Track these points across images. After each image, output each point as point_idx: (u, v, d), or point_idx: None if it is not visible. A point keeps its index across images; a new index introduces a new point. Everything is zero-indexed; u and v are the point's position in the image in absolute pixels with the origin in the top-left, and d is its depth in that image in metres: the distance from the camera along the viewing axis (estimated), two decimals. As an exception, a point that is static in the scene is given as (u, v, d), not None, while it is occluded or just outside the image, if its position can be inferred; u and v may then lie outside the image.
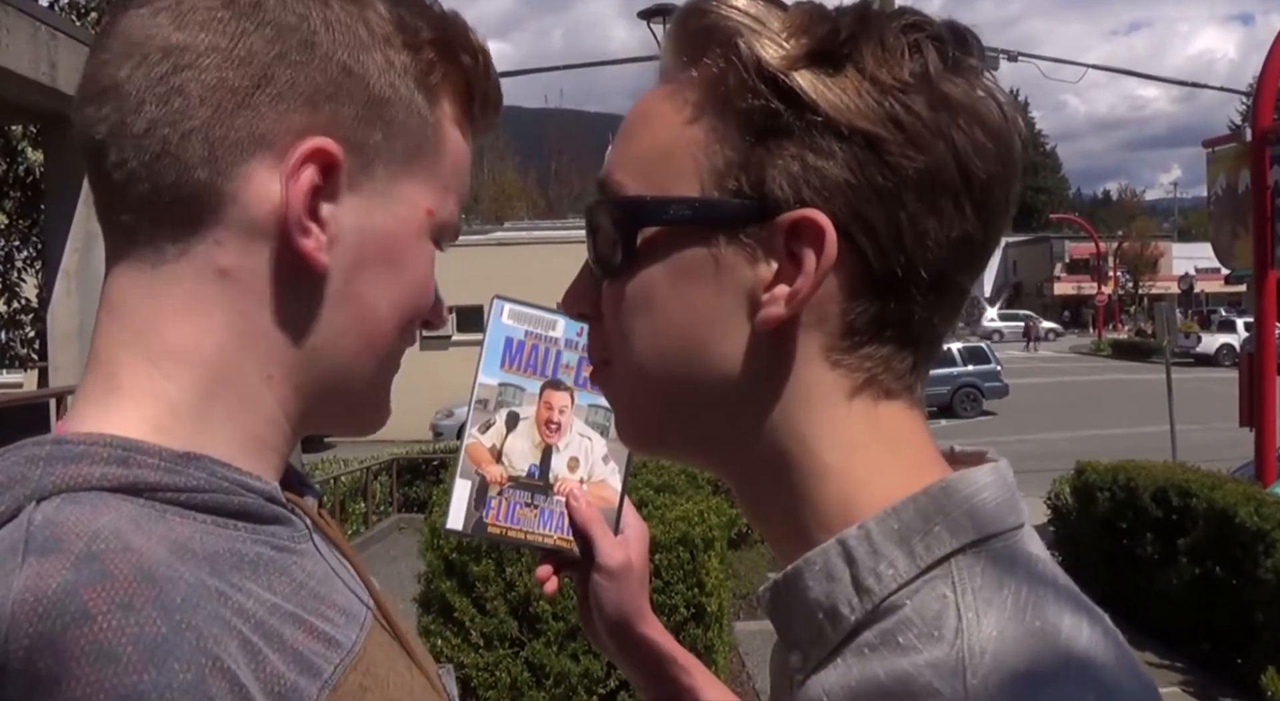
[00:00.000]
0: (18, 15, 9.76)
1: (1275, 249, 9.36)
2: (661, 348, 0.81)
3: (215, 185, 0.82)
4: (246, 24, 0.82)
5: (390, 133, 0.87)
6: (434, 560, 6.11)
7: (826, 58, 0.77)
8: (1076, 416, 28.60)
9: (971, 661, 0.69)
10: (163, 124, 0.81)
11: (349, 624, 0.85)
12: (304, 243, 0.83)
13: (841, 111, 0.75)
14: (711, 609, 6.04)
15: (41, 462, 0.75)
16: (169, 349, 0.83)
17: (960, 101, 0.77)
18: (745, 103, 0.77)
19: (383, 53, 0.86)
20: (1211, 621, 7.81)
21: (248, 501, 0.82)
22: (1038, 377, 41.53)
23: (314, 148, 0.82)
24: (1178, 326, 20.84)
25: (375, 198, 0.87)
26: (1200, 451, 14.17)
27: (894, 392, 0.81)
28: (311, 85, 0.83)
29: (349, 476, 15.56)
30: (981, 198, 0.78)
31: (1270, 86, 9.80)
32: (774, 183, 0.76)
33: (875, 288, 0.77)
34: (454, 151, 0.93)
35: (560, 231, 33.94)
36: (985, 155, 0.77)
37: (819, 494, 0.80)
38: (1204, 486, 8.34)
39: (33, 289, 18.05)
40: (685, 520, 6.10)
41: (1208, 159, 10.68)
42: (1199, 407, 23.90)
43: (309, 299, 0.86)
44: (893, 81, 0.76)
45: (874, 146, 0.75)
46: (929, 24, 0.79)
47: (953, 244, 0.78)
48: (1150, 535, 8.69)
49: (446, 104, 0.92)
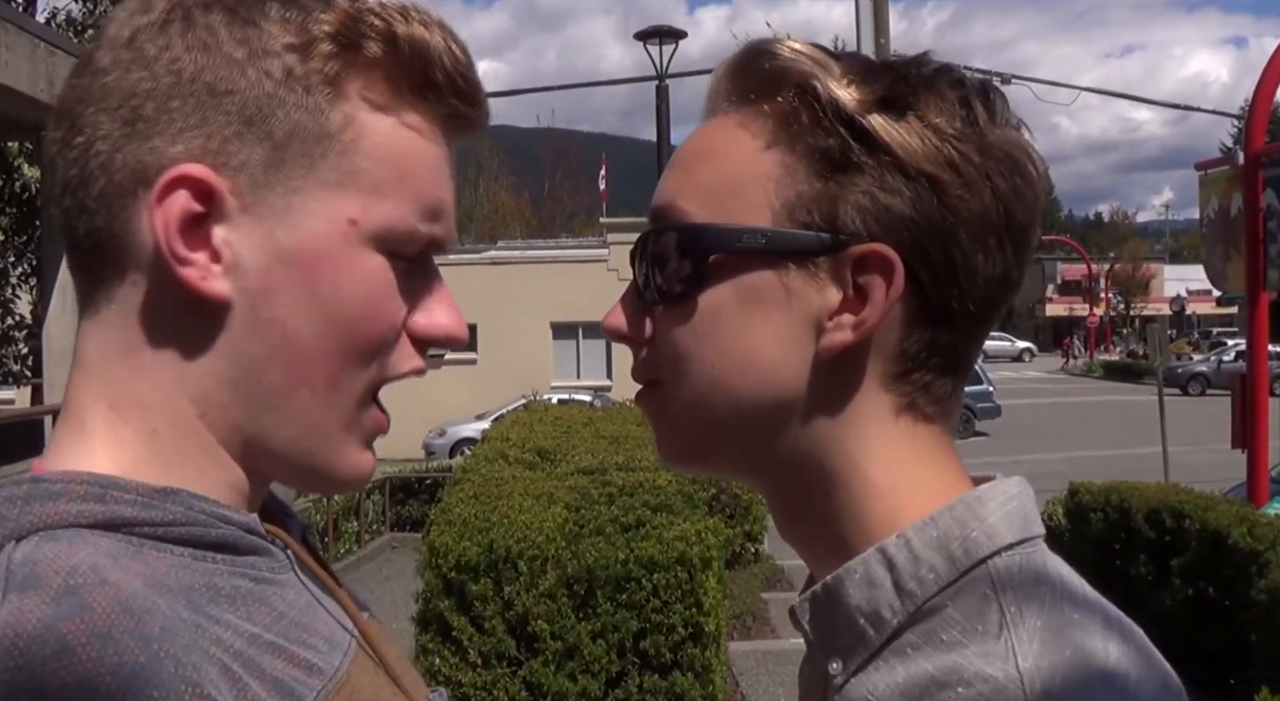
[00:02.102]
0: (17, 32, 9.78)
1: (1268, 271, 9.39)
2: (725, 369, 0.85)
3: (113, 229, 0.81)
4: (121, 68, 0.81)
5: (279, 144, 0.82)
6: (432, 579, 6.10)
7: (893, 104, 0.82)
8: (1069, 437, 28.63)
9: (1021, 647, 0.75)
10: (69, 182, 0.82)
11: (332, 651, 0.85)
12: (184, 273, 0.80)
13: (910, 153, 0.81)
14: (709, 628, 6.04)
15: (19, 502, 0.75)
16: (119, 394, 0.83)
17: (1003, 151, 0.83)
18: (819, 140, 0.82)
19: (259, 63, 0.81)
20: (1205, 642, 7.81)
21: (226, 533, 0.81)
22: (1030, 398, 41.57)
23: (175, 176, 0.79)
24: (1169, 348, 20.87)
25: (276, 215, 0.82)
26: (1193, 472, 14.20)
27: (932, 416, 0.87)
28: (180, 114, 0.80)
29: (341, 495, 15.51)
30: (1019, 238, 0.85)
31: (1263, 110, 9.85)
32: (846, 216, 0.82)
33: (930, 318, 0.83)
34: (383, 146, 0.84)
35: (553, 250, 33.96)
36: (1024, 201, 0.84)
37: (865, 510, 0.84)
38: (1197, 507, 8.35)
39: (27, 305, 18.03)
40: (683, 540, 6.10)
41: (1200, 181, 10.73)
42: (1191, 429, 23.93)
43: (218, 331, 0.82)
44: (950, 130, 0.82)
45: (936, 187, 0.81)
46: (970, 81, 0.86)
47: (996, 280, 0.84)
48: (1144, 556, 8.70)
49: (358, 97, 0.84)
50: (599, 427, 10.45)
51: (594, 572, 6.00)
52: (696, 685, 5.99)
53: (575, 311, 30.28)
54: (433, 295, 0.90)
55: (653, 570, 5.98)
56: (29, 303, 17.99)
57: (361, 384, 0.87)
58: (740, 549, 12.51)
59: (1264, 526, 7.72)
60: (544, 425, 10.58)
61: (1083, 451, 25.16)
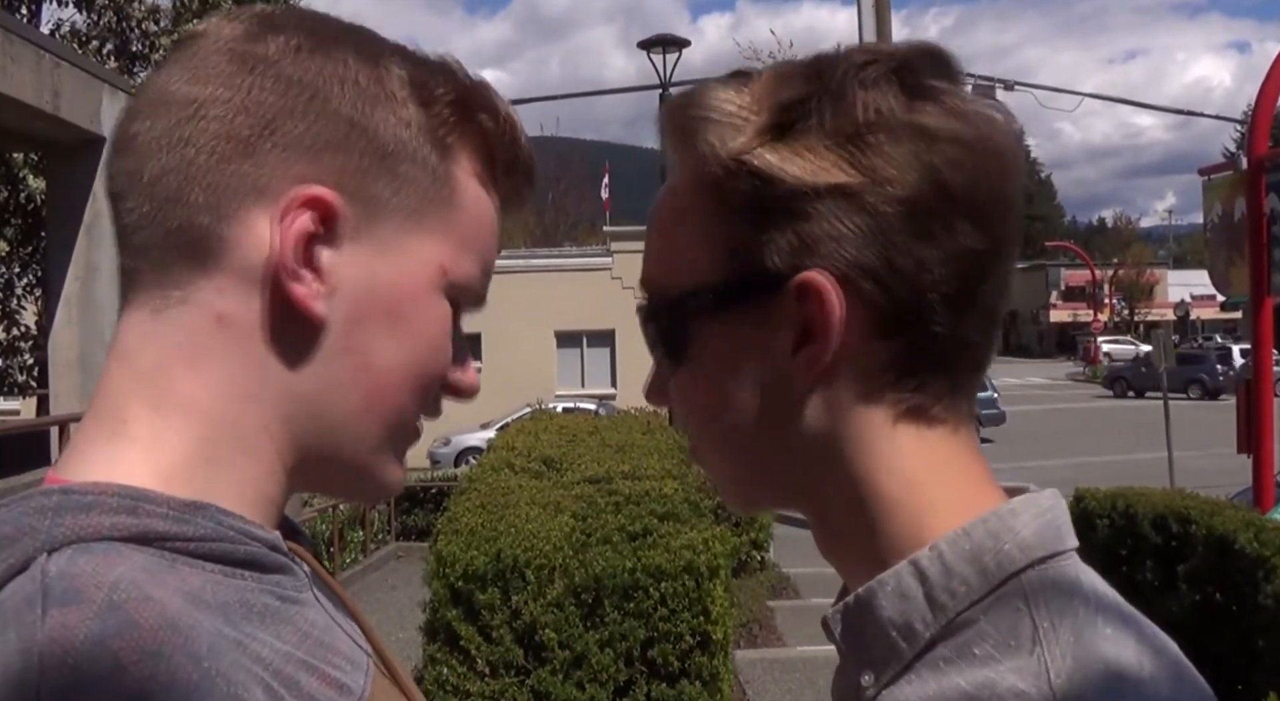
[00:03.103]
0: (22, 44, 9.80)
1: (1271, 276, 9.37)
2: (723, 422, 0.88)
3: (216, 230, 0.82)
4: (256, 78, 0.83)
5: (397, 185, 0.86)
6: (440, 588, 6.10)
7: (784, 126, 0.82)
8: (1073, 443, 28.60)
9: (1054, 664, 0.74)
10: (169, 172, 0.82)
11: (355, 671, 0.86)
12: (296, 289, 0.82)
13: (808, 174, 0.80)
14: (717, 637, 6.04)
15: (50, 513, 0.74)
16: (173, 397, 0.82)
17: (928, 125, 0.81)
18: (726, 190, 0.83)
19: (394, 108, 0.86)
20: (1212, 647, 7.79)
21: (253, 550, 0.81)
22: (1034, 404, 41.52)
23: (309, 195, 0.82)
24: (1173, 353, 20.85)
25: (381, 249, 0.86)
26: (1198, 477, 14.18)
27: (939, 418, 0.85)
28: (315, 136, 0.83)
29: (347, 505, 15.51)
30: (970, 210, 0.81)
31: (1266, 114, 9.84)
32: (769, 257, 0.82)
33: (892, 323, 0.82)
34: (473, 208, 0.91)
35: (557, 259, 33.96)
36: (963, 169, 0.81)
37: (889, 526, 0.84)
38: (1203, 513, 8.33)
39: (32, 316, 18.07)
40: (690, 548, 6.10)
41: (1203, 186, 10.70)
42: (1196, 434, 23.89)
43: (306, 349, 0.84)
44: (852, 128, 0.80)
45: (848, 195, 0.80)
46: (888, 56, 0.83)
47: (955, 262, 0.81)
48: (1150, 562, 8.68)
49: (465, 160, 0.91)
50: (604, 436, 10.45)
51: (601, 581, 6.00)
52: (704, 693, 5.99)
53: (579, 320, 30.34)
54: (462, 350, 0.95)
55: (660, 579, 5.98)
56: (34, 314, 18.02)
57: (416, 416, 0.92)
58: (746, 557, 12.52)
59: (1271, 531, 7.70)
60: (549, 434, 10.58)
61: (1087, 457, 25.13)
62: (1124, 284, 77.94)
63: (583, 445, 9.79)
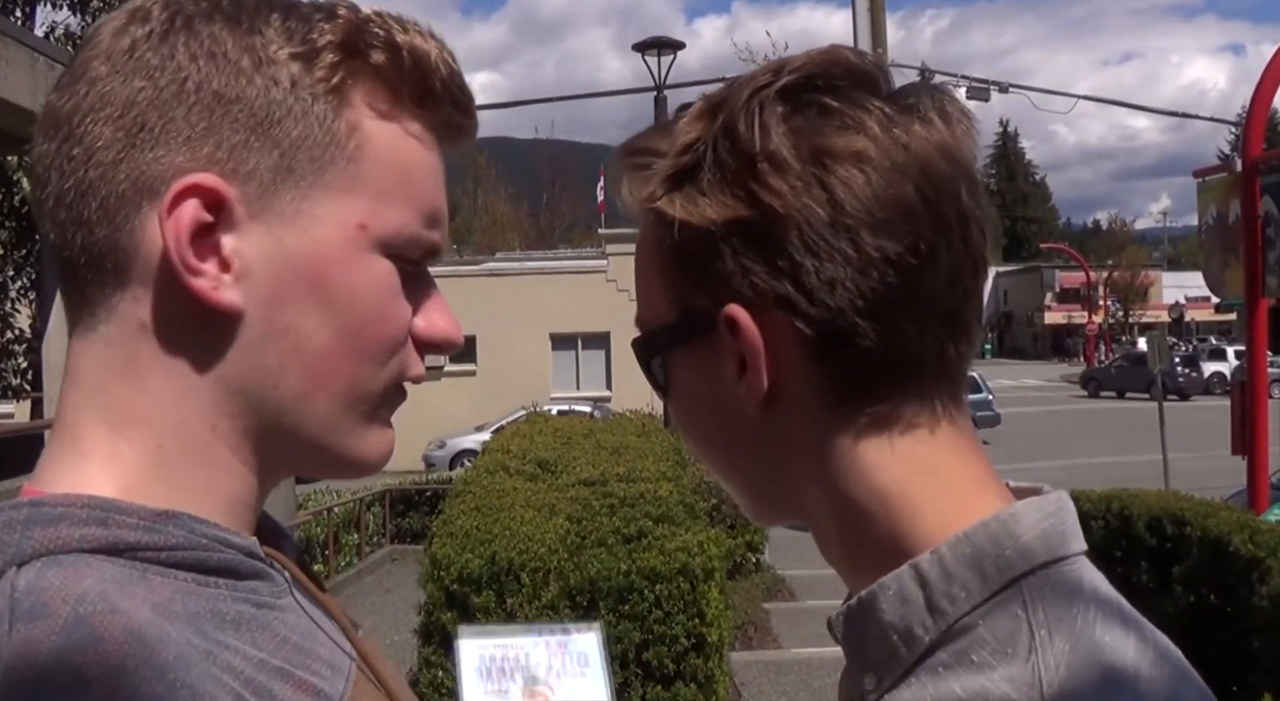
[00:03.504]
0: (16, 46, 9.80)
1: (1266, 278, 9.39)
2: (711, 446, 0.92)
3: (116, 241, 0.80)
4: (123, 77, 0.80)
5: (285, 152, 0.81)
6: (435, 591, 6.10)
7: (682, 174, 0.84)
8: (1068, 445, 28.64)
9: (1047, 674, 0.74)
10: (65, 193, 0.80)
11: (334, 676, 0.85)
12: (196, 283, 0.79)
13: (704, 216, 0.82)
14: (712, 639, 6.04)
15: (19, 526, 0.73)
16: (119, 412, 0.81)
17: (817, 145, 0.80)
18: (653, 236, 0.87)
19: (268, 71, 0.81)
20: (1207, 649, 7.80)
21: (227, 557, 0.80)
22: (1029, 407, 41.57)
23: (186, 185, 0.78)
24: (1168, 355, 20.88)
25: (286, 222, 0.82)
26: (1193, 479, 14.20)
27: (915, 423, 0.84)
28: (188, 123, 0.80)
29: (342, 507, 15.52)
30: (876, 221, 0.79)
31: (1260, 116, 9.86)
32: (694, 297, 0.85)
33: (824, 341, 0.80)
34: (388, 153, 0.85)
35: (552, 262, 33.99)
36: (857, 182, 0.79)
37: (871, 536, 0.84)
38: (1198, 514, 8.33)
39: (26, 319, 18.04)
40: (685, 551, 6.11)
41: (1198, 189, 10.73)
42: (1191, 436, 23.93)
43: (230, 341, 0.81)
44: (744, 161, 0.81)
45: (745, 229, 0.81)
46: (786, 72, 0.82)
47: (870, 274, 0.79)
48: (1145, 563, 8.68)
49: (364, 104, 0.84)
50: (599, 438, 10.45)
51: (596, 584, 6.00)
52: (699, 695, 6.00)
53: (574, 322, 30.33)
54: (430, 301, 0.91)
55: (655, 581, 5.99)
56: (28, 317, 18.00)
57: (382, 382, 0.87)
58: (741, 559, 12.51)
59: (1265, 533, 7.71)
60: (544, 436, 10.58)
61: (1082, 459, 25.16)
62: (1119, 286, 78.03)
63: (578, 447, 9.79)
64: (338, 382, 0.84)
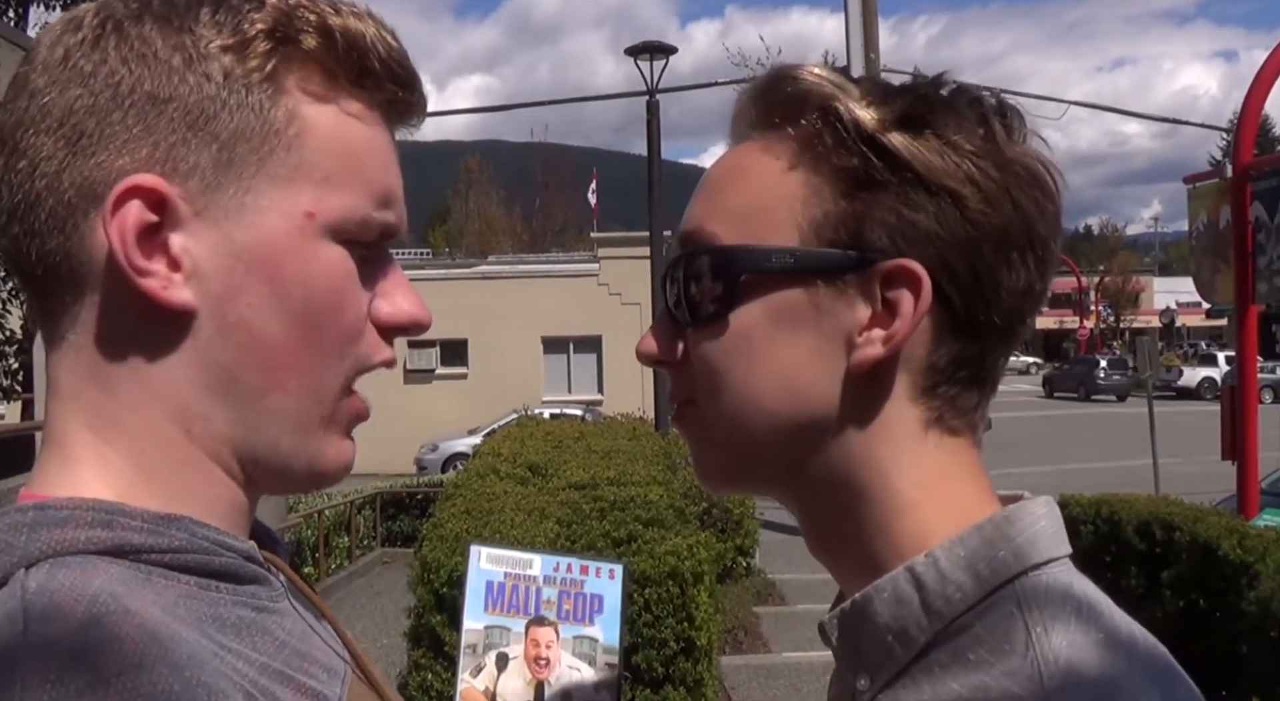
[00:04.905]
0: (9, 48, 9.79)
1: (1256, 284, 9.40)
2: (759, 386, 0.86)
3: (68, 250, 0.80)
4: (60, 87, 0.80)
5: (223, 146, 0.81)
6: (424, 594, 6.09)
7: (912, 122, 0.84)
8: (1059, 450, 28.66)
9: (1047, 667, 0.76)
10: (16, 208, 0.81)
11: (331, 679, 0.86)
12: (145, 283, 0.79)
13: (931, 170, 0.82)
14: (701, 643, 6.04)
15: (26, 529, 0.74)
16: (99, 418, 0.82)
17: (1022, 166, 0.85)
18: (843, 160, 0.84)
19: (199, 66, 0.81)
20: (1196, 653, 7.81)
21: (228, 561, 0.81)
22: (1020, 411, 41.62)
23: (126, 187, 0.78)
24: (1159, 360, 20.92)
25: (231, 216, 0.81)
26: (1183, 484, 14.23)
27: (958, 429, 0.88)
28: (124, 126, 0.80)
29: (332, 510, 15.48)
30: (1041, 251, 0.86)
31: (1251, 122, 9.88)
32: (872, 233, 0.83)
33: (957, 331, 0.85)
34: (330, 138, 0.84)
35: (544, 265, 33.97)
36: (1045, 214, 0.85)
37: (896, 526, 0.85)
38: (1187, 519, 8.35)
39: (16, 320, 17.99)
40: (674, 554, 6.10)
41: (1189, 194, 10.74)
42: (1181, 441, 23.97)
43: (186, 341, 0.81)
44: (969, 146, 0.83)
45: (958, 202, 0.82)
46: (987, 100, 0.87)
47: (1020, 292, 0.85)
48: (1134, 568, 8.70)
49: (300, 90, 0.84)
50: (590, 442, 10.44)
51: (586, 587, 5.98)
52: (688, 699, 5.99)
53: (566, 326, 30.32)
54: (391, 282, 0.90)
55: (644, 585, 5.98)
56: (19, 318, 17.97)
57: (337, 377, 0.86)
58: (732, 563, 12.50)
59: (1254, 538, 7.73)
60: (535, 440, 10.57)
61: (1072, 464, 25.19)
62: (1110, 291, 78.16)
63: (568, 451, 9.78)
64: (294, 377, 0.84)
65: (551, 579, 1.39)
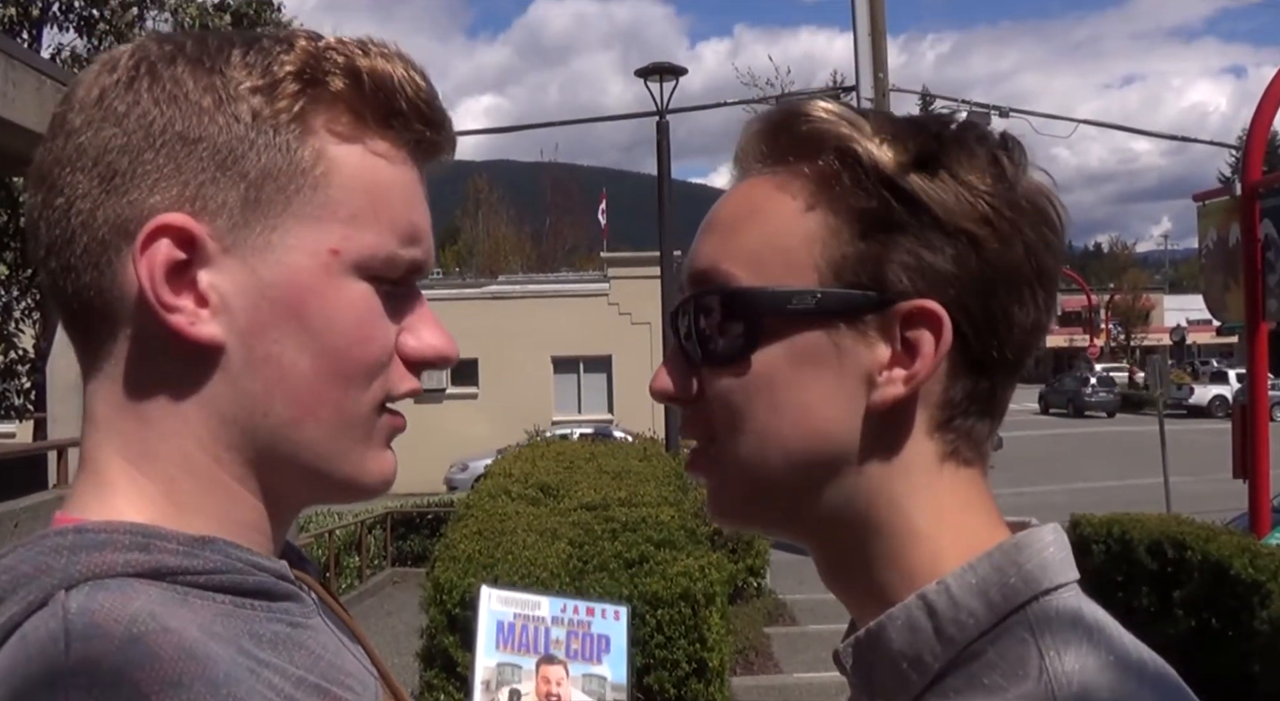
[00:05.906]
0: (24, 69, 9.84)
1: (1266, 301, 9.38)
2: (781, 426, 0.87)
3: (101, 285, 0.83)
4: (96, 128, 0.83)
5: (252, 185, 0.83)
6: (437, 615, 6.10)
7: (928, 163, 0.85)
8: (1070, 469, 28.58)
9: (1060, 690, 0.77)
10: (54, 243, 0.84)
11: (364, 692, 0.88)
12: (173, 320, 0.81)
13: (949, 212, 0.84)
14: (713, 664, 6.04)
15: (66, 552, 0.76)
16: (132, 447, 0.84)
17: (1031, 203, 0.87)
18: (861, 201, 0.85)
19: (229, 107, 0.83)
20: (1208, 673, 7.77)
21: (262, 580, 0.83)
22: (1031, 430, 41.50)
23: (157, 225, 0.80)
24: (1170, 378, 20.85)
25: (258, 253, 0.83)
26: (1194, 503, 14.18)
27: (971, 460, 0.89)
28: (154, 165, 0.82)
29: (343, 530, 15.50)
30: (1048, 285, 0.88)
31: (1260, 140, 9.87)
32: (892, 274, 0.84)
33: (970, 367, 0.86)
34: (356, 177, 0.86)
35: (554, 285, 33.96)
36: (1051, 249, 0.88)
37: (910, 556, 0.87)
38: (1199, 538, 8.32)
39: (30, 340, 18.07)
40: (687, 575, 6.11)
41: (1198, 212, 10.73)
42: (1192, 459, 23.89)
43: (215, 374, 0.83)
44: (982, 186, 0.85)
45: (974, 243, 0.84)
46: (992, 136, 0.89)
47: (1030, 327, 0.87)
48: (1146, 588, 8.66)
49: (328, 131, 0.85)
50: (601, 463, 10.45)
51: (598, 608, 5.98)
52: (700, 720, 5.98)
53: (576, 346, 30.32)
54: (418, 317, 0.91)
55: (656, 606, 5.98)
56: (32, 337, 18.03)
57: (367, 404, 0.88)
58: (743, 584, 12.49)
59: (1266, 557, 7.69)
60: (546, 461, 10.58)
61: (1083, 483, 25.12)
62: (1120, 309, 77.90)
63: (579, 472, 9.79)
64: (324, 407, 0.86)
65: (560, 619, 1.43)
